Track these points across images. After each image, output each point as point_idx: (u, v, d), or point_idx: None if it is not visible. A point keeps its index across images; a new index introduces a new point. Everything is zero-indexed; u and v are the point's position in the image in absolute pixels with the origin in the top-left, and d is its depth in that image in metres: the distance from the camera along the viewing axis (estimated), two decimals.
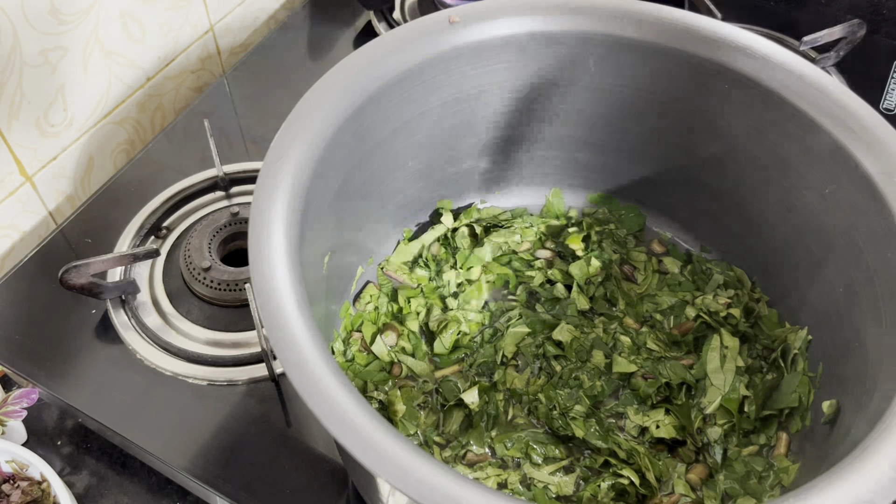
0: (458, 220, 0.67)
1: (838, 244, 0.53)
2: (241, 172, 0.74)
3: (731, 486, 0.53)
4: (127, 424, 0.58)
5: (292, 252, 0.44)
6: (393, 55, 0.54)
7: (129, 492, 0.61)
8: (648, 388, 0.57)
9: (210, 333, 0.64)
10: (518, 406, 0.58)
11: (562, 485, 0.54)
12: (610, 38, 0.57)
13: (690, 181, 0.63)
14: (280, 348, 0.40)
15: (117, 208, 0.72)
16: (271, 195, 0.45)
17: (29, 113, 0.68)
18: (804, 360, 0.56)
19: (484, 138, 0.64)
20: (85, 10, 0.69)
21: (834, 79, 0.53)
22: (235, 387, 0.60)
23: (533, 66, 0.59)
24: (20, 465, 0.57)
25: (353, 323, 0.61)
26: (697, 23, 0.56)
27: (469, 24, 0.56)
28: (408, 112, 0.57)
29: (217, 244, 0.68)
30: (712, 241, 0.65)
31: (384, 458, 0.36)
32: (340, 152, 0.52)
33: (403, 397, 0.57)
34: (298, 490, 0.55)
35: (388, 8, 0.90)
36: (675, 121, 0.60)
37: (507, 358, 0.60)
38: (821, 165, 0.53)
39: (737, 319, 0.60)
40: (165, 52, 0.81)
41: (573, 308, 0.62)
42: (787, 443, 0.54)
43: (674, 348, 0.61)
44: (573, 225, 0.67)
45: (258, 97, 0.84)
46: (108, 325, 0.64)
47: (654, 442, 0.56)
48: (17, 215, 0.72)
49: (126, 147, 0.81)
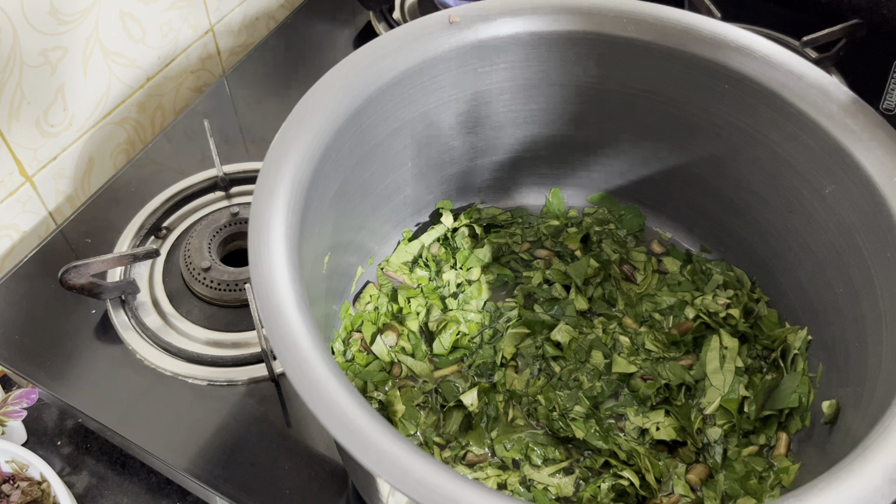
0: (458, 220, 0.67)
1: (838, 244, 0.53)
2: (241, 172, 0.74)
3: (731, 486, 0.53)
4: (127, 424, 0.58)
5: (292, 252, 0.44)
6: (393, 55, 0.54)
7: (129, 492, 0.61)
8: (648, 390, 0.57)
9: (210, 333, 0.64)
10: (518, 407, 0.58)
11: (561, 486, 0.54)
12: (610, 38, 0.57)
13: (690, 181, 0.63)
14: (280, 348, 0.40)
15: (117, 208, 0.72)
16: (271, 195, 0.45)
17: (29, 113, 0.68)
18: (804, 360, 0.56)
19: (484, 138, 0.64)
20: (85, 11, 0.69)
21: (834, 79, 0.53)
22: (235, 387, 0.60)
23: (533, 66, 0.59)
24: (20, 465, 0.57)
25: (353, 323, 0.61)
26: (697, 23, 0.56)
27: (469, 24, 0.56)
28: (408, 112, 0.57)
29: (217, 244, 0.68)
30: (712, 241, 0.65)
31: (384, 458, 0.36)
32: (340, 152, 0.52)
33: (403, 397, 0.57)
34: (298, 490, 0.55)
35: (388, 8, 0.90)
36: (676, 121, 0.60)
37: (506, 359, 0.60)
38: (821, 165, 0.53)
39: (736, 320, 0.60)
40: (165, 53, 0.81)
41: (571, 308, 0.62)
42: (787, 443, 0.54)
43: (673, 348, 0.61)
44: (573, 225, 0.67)
45: (258, 97, 0.84)
46: (107, 326, 0.64)
47: (655, 442, 0.56)
48: (17, 215, 0.72)
49: (126, 147, 0.81)
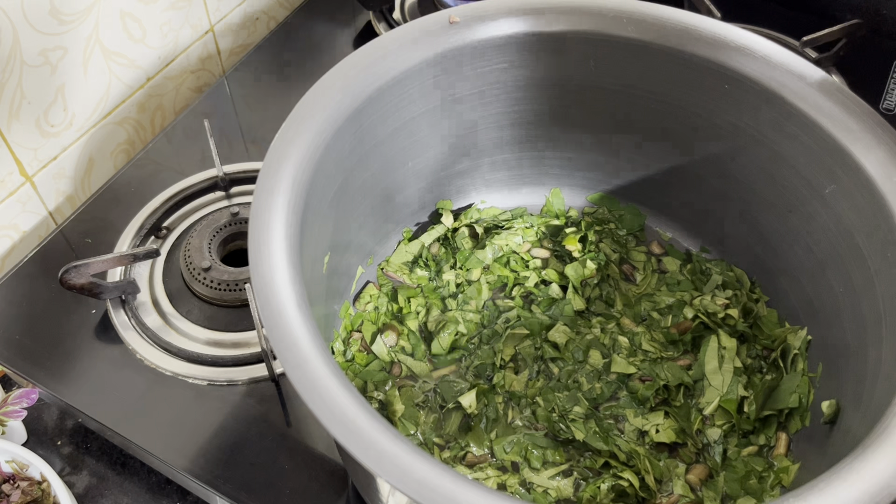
0: (458, 220, 0.67)
1: (838, 244, 0.53)
2: (241, 172, 0.74)
3: (731, 486, 0.53)
4: (127, 424, 0.58)
5: (292, 252, 0.44)
6: (393, 55, 0.54)
7: (129, 492, 0.61)
8: (647, 391, 0.57)
9: (210, 333, 0.64)
10: (517, 409, 0.58)
11: (561, 488, 0.54)
12: (610, 38, 0.57)
13: (690, 181, 0.63)
14: (280, 348, 0.40)
15: (117, 208, 0.72)
16: (271, 195, 0.45)
17: (29, 113, 0.68)
18: (804, 360, 0.56)
19: (484, 138, 0.64)
20: (85, 11, 0.69)
21: (834, 79, 0.53)
22: (235, 387, 0.60)
23: (533, 66, 0.59)
24: (20, 465, 0.57)
25: (353, 323, 0.61)
26: (697, 23, 0.56)
27: (469, 24, 0.56)
28: (408, 112, 0.57)
29: (217, 244, 0.68)
30: (712, 241, 0.65)
31: (384, 458, 0.36)
32: (340, 152, 0.52)
33: (403, 397, 0.57)
34: (298, 490, 0.55)
35: (388, 8, 0.90)
36: (675, 121, 0.60)
37: (504, 360, 0.60)
38: (821, 165, 0.53)
39: (735, 320, 0.60)
40: (165, 53, 0.81)
41: (569, 308, 0.62)
42: (787, 443, 0.54)
43: (671, 348, 0.61)
44: (572, 225, 0.67)
45: (258, 97, 0.84)
46: (108, 325, 0.64)
47: (655, 444, 0.56)
48: (17, 215, 0.72)
49: (126, 147, 0.81)
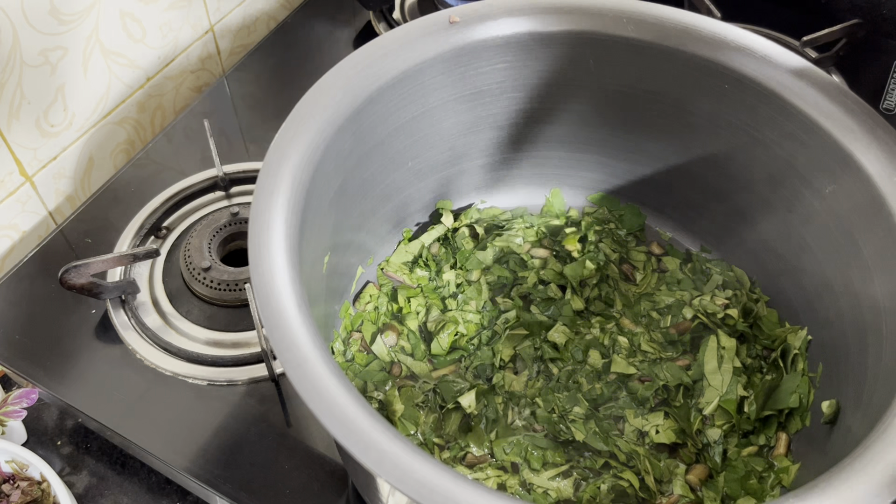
0: (458, 220, 0.67)
1: (838, 244, 0.53)
2: (241, 172, 0.74)
3: (731, 486, 0.53)
4: (127, 424, 0.58)
5: (292, 252, 0.44)
6: (393, 55, 0.54)
7: (129, 492, 0.61)
8: (646, 392, 0.57)
9: (210, 333, 0.64)
10: (517, 409, 0.58)
11: (561, 489, 0.54)
12: (610, 38, 0.57)
13: (690, 181, 0.63)
14: (280, 348, 0.40)
15: (117, 208, 0.72)
16: (271, 195, 0.45)
17: (29, 113, 0.68)
18: (804, 360, 0.56)
19: (484, 138, 0.64)
20: (85, 11, 0.69)
21: (834, 79, 0.53)
22: (235, 387, 0.60)
23: (533, 66, 0.59)
24: (20, 465, 0.57)
25: (353, 323, 0.61)
26: (697, 23, 0.56)
27: (469, 24, 0.56)
28: (408, 112, 0.57)
29: (217, 244, 0.68)
30: (712, 241, 0.65)
31: (384, 458, 0.36)
32: (340, 152, 0.52)
33: (403, 397, 0.57)
34: (298, 490, 0.55)
35: (388, 8, 0.90)
36: (675, 121, 0.60)
37: (504, 361, 0.60)
38: (821, 165, 0.53)
39: (735, 320, 0.60)
40: (165, 53, 0.81)
41: (568, 309, 0.62)
42: (787, 443, 0.54)
43: (670, 348, 0.60)
44: (572, 225, 0.67)
45: (258, 97, 0.84)
46: (108, 325, 0.64)
47: (655, 444, 0.56)
48: (17, 215, 0.72)
49: (126, 147, 0.81)
